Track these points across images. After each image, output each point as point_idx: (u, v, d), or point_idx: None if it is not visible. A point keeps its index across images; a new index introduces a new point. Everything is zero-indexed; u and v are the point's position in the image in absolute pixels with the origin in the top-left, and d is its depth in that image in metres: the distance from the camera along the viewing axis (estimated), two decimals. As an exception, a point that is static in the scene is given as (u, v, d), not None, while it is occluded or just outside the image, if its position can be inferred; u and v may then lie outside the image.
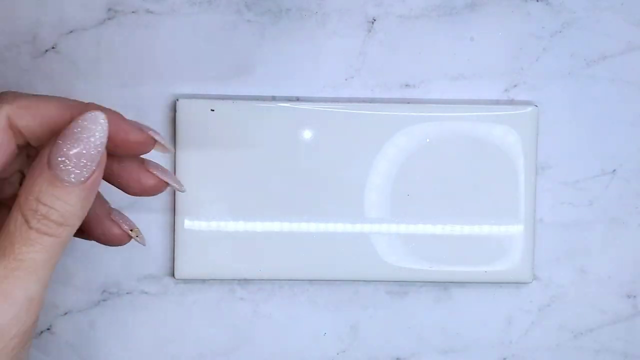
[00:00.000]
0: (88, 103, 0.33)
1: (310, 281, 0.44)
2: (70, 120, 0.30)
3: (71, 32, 0.42)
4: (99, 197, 0.36)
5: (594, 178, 0.44)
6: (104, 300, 0.44)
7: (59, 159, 0.29)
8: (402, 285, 0.44)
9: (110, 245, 0.36)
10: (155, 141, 0.33)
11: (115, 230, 0.35)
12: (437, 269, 0.43)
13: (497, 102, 0.44)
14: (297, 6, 0.43)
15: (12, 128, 0.31)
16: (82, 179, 0.30)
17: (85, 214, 0.31)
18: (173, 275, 0.43)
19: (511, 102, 0.44)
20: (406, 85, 0.44)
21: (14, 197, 0.31)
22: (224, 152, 0.42)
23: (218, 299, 0.44)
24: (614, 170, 0.44)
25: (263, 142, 0.43)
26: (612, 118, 0.44)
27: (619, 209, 0.44)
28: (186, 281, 0.44)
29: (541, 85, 0.44)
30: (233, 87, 0.43)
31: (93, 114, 0.30)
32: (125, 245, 0.43)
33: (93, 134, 0.30)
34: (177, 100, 0.42)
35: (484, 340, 0.45)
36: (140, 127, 0.33)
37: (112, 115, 0.32)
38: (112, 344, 0.44)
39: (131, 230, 0.36)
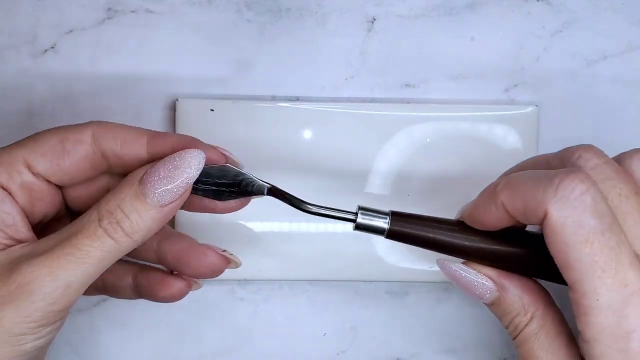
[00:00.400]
0: (162, 132, 0.35)
1: (310, 281, 0.44)
2: (147, 143, 0.34)
3: (71, 32, 0.42)
4: (184, 235, 0.38)
5: (594, 178, 0.44)
6: (103, 300, 0.44)
7: (152, 178, 0.32)
8: (402, 285, 0.44)
9: (210, 277, 0.37)
10: (227, 158, 0.35)
11: (212, 255, 0.37)
12: (437, 269, 0.43)
13: (497, 102, 0.44)
14: (297, 6, 0.43)
15: (95, 146, 0.34)
16: (163, 202, 0.32)
17: (149, 235, 0.33)
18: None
19: (511, 102, 0.44)
20: (406, 85, 0.44)
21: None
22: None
23: (218, 299, 0.44)
24: (614, 170, 0.44)
25: (263, 142, 0.43)
26: (613, 118, 0.44)
27: (619, 209, 0.44)
28: (186, 281, 0.44)
29: (541, 85, 0.44)
30: (233, 87, 0.43)
31: (197, 151, 0.33)
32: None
33: (190, 167, 0.33)
34: (177, 100, 0.42)
35: (484, 340, 0.45)
36: (212, 146, 0.35)
37: (188, 138, 0.35)
38: (112, 344, 0.44)
39: (223, 251, 0.37)
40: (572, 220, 0.29)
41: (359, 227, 0.34)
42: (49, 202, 0.35)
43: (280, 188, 0.35)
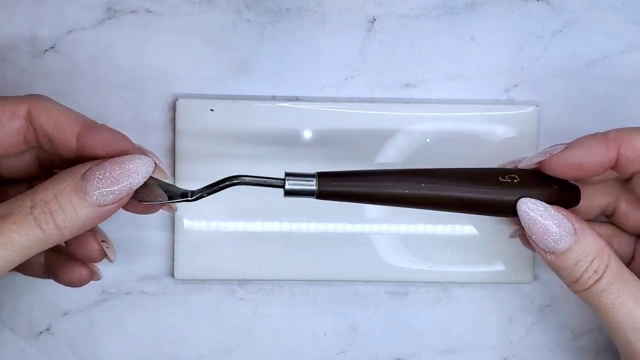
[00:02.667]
0: (99, 124, 0.35)
1: (310, 281, 0.44)
2: (78, 132, 0.33)
3: (71, 32, 0.42)
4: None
5: (594, 178, 0.44)
6: (103, 300, 0.44)
7: (97, 176, 0.32)
8: (402, 285, 0.44)
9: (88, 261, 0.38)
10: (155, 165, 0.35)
11: (92, 244, 0.37)
12: (437, 269, 0.43)
13: (497, 102, 0.44)
14: (297, 6, 0.43)
15: (29, 121, 0.34)
16: (102, 203, 0.32)
17: (78, 233, 0.32)
18: (173, 275, 0.43)
19: (511, 102, 0.44)
20: (406, 85, 0.44)
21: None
22: (223, 152, 0.42)
23: (218, 299, 0.44)
24: (615, 170, 0.44)
25: (263, 142, 0.43)
26: (612, 118, 0.44)
27: (620, 209, 0.44)
28: (186, 281, 0.44)
29: (542, 85, 0.44)
30: (233, 87, 0.43)
31: (148, 159, 0.33)
32: (124, 246, 0.43)
33: (138, 173, 0.32)
34: (177, 100, 0.42)
35: (484, 341, 0.45)
36: (141, 149, 0.35)
37: (114, 135, 0.34)
38: (112, 344, 0.44)
39: (102, 241, 0.37)
40: None
41: (289, 192, 0.34)
42: None
43: (201, 187, 0.35)
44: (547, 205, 0.35)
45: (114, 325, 0.44)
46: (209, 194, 0.35)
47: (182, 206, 0.42)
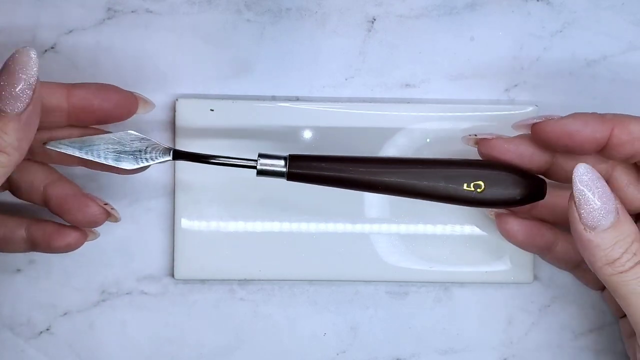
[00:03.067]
0: (85, 83, 0.36)
1: (310, 281, 0.44)
2: (65, 95, 0.36)
3: (71, 32, 0.42)
4: (71, 182, 0.39)
5: (594, 178, 0.44)
6: (103, 300, 0.44)
7: None
8: (402, 285, 0.44)
9: (88, 226, 0.38)
10: (138, 99, 0.37)
11: (92, 206, 0.38)
12: (437, 269, 0.43)
13: (497, 102, 0.44)
14: (297, 6, 0.43)
15: None
16: (17, 111, 0.32)
17: (24, 148, 0.33)
18: (172, 275, 0.43)
19: (511, 102, 0.44)
20: (406, 85, 0.44)
21: None
22: (223, 152, 0.42)
23: (218, 299, 0.44)
24: (615, 170, 0.44)
25: (263, 142, 0.42)
26: (613, 118, 0.44)
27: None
28: (186, 281, 0.44)
29: (541, 85, 0.44)
30: (233, 87, 0.43)
31: (24, 48, 0.33)
32: (124, 246, 0.43)
33: (25, 68, 0.33)
34: (177, 100, 0.42)
35: (484, 341, 0.45)
36: (126, 90, 0.37)
37: (99, 84, 0.36)
38: (112, 344, 0.44)
39: (105, 204, 0.38)
40: None
41: (261, 172, 0.37)
42: None
43: (182, 150, 0.37)
44: (602, 178, 0.34)
45: (114, 325, 0.44)
46: (178, 159, 0.37)
47: (182, 206, 0.42)
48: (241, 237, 0.43)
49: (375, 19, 0.43)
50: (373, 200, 0.43)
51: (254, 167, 0.37)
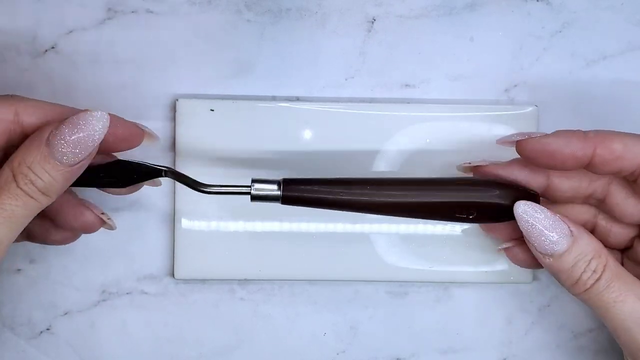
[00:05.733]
0: (85, 109, 0.35)
1: (310, 281, 0.44)
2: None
3: (71, 32, 0.42)
4: (71, 191, 0.39)
5: (594, 178, 0.44)
6: (103, 300, 0.44)
7: (59, 140, 0.33)
8: (402, 285, 0.44)
9: (82, 232, 0.39)
10: (144, 132, 0.37)
11: (88, 215, 0.38)
12: (437, 269, 0.43)
13: (497, 102, 0.44)
14: (297, 6, 0.43)
15: (16, 123, 0.35)
16: (72, 162, 0.34)
17: (63, 190, 0.35)
18: (173, 275, 0.43)
19: (511, 102, 0.44)
20: (406, 85, 0.44)
21: None
22: (223, 152, 0.42)
23: (218, 299, 0.44)
24: (614, 170, 0.44)
25: (263, 142, 0.43)
26: (612, 118, 0.44)
27: (619, 209, 0.44)
28: (186, 281, 0.44)
29: (541, 85, 0.44)
30: (233, 87, 0.43)
31: (99, 112, 0.34)
32: (124, 246, 0.43)
33: (95, 128, 0.34)
34: (177, 100, 0.42)
35: (484, 340, 0.45)
36: (132, 122, 0.37)
37: (111, 115, 0.35)
38: (112, 344, 0.44)
39: (102, 213, 0.39)
40: None
41: (255, 198, 0.37)
42: None
43: (178, 170, 0.38)
44: (544, 208, 0.35)
45: (114, 325, 0.44)
46: (174, 179, 0.37)
47: (182, 206, 0.42)
48: (241, 237, 0.43)
49: (375, 19, 0.43)
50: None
51: (248, 194, 0.37)
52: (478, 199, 0.37)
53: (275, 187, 0.37)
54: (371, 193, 0.37)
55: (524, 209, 0.35)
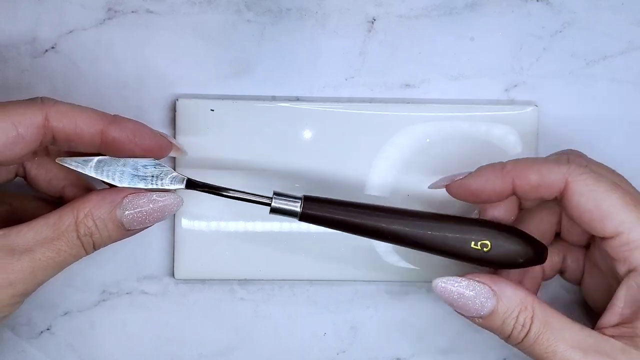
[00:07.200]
0: (115, 115, 0.36)
1: (310, 281, 0.44)
2: (102, 129, 0.35)
3: (71, 32, 0.42)
4: (87, 183, 0.39)
5: (594, 178, 0.44)
6: (104, 300, 0.44)
7: (134, 207, 0.35)
8: (402, 285, 0.44)
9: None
10: (171, 145, 0.37)
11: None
12: (437, 269, 0.43)
13: (497, 102, 0.44)
14: (297, 6, 0.43)
15: (46, 128, 0.34)
16: (134, 228, 0.35)
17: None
18: (173, 275, 0.43)
19: (511, 102, 0.44)
20: (406, 85, 0.44)
21: (4, 184, 0.38)
22: (223, 152, 0.42)
23: (218, 299, 0.44)
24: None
25: (263, 142, 0.43)
26: (612, 118, 0.44)
27: (619, 209, 0.44)
28: (186, 281, 0.44)
29: (541, 85, 0.44)
30: (233, 87, 0.43)
31: (179, 197, 0.36)
32: (125, 246, 0.43)
33: (169, 211, 0.35)
34: (177, 100, 0.42)
35: (484, 340, 0.45)
36: (160, 134, 0.37)
37: (137, 124, 0.36)
38: (112, 344, 0.44)
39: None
40: (593, 179, 0.34)
41: (274, 210, 0.36)
42: None
43: (196, 179, 0.37)
44: (460, 278, 0.36)
45: (114, 325, 0.44)
46: (192, 188, 0.37)
47: (182, 206, 0.42)
48: (241, 237, 0.43)
49: (375, 20, 0.43)
50: (373, 200, 0.43)
51: (268, 205, 0.36)
52: (493, 235, 0.37)
53: (297, 203, 0.36)
54: (391, 221, 0.36)
55: (443, 287, 0.36)
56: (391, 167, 0.43)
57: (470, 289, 0.35)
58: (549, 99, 0.44)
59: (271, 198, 0.36)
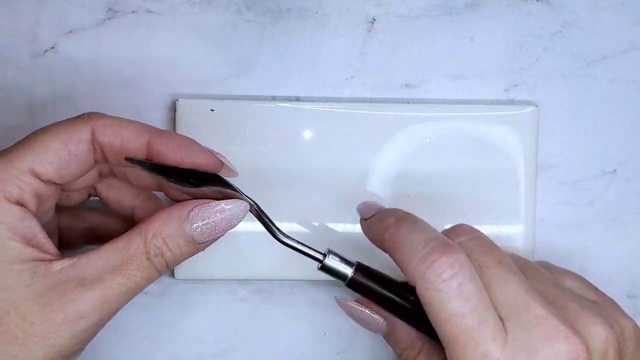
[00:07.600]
0: (164, 130, 0.35)
1: (310, 281, 0.44)
2: (147, 142, 0.34)
3: (71, 32, 0.42)
4: (157, 200, 0.39)
5: (594, 178, 0.44)
6: (103, 300, 0.44)
7: (201, 219, 0.34)
8: (402, 285, 0.44)
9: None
10: (222, 164, 0.36)
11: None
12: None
13: (497, 102, 0.44)
14: (297, 6, 0.43)
15: (94, 143, 0.34)
16: (204, 241, 0.34)
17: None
18: (173, 275, 0.43)
19: (511, 102, 0.44)
20: (406, 85, 0.44)
21: (79, 204, 0.37)
22: (223, 152, 0.42)
23: (218, 299, 0.44)
24: (614, 171, 0.44)
25: (263, 142, 0.43)
26: (612, 118, 0.44)
27: (619, 209, 0.44)
28: (186, 281, 0.44)
29: (541, 85, 0.44)
30: (233, 87, 0.43)
31: (245, 203, 0.35)
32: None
33: (237, 219, 0.35)
34: (177, 100, 0.42)
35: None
36: (211, 152, 0.36)
37: (185, 139, 0.35)
38: (112, 344, 0.44)
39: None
40: (437, 301, 0.32)
41: (324, 268, 0.36)
42: (53, 201, 0.35)
43: (262, 209, 0.36)
44: (358, 304, 0.37)
45: (115, 325, 0.44)
46: (256, 216, 0.36)
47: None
48: (241, 237, 0.43)
49: (375, 19, 0.43)
50: (373, 200, 0.43)
51: (319, 261, 0.36)
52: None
53: (349, 268, 0.36)
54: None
55: (344, 305, 0.38)
56: (391, 167, 0.43)
57: (369, 315, 0.38)
58: (549, 99, 0.44)
59: (325, 255, 0.36)
